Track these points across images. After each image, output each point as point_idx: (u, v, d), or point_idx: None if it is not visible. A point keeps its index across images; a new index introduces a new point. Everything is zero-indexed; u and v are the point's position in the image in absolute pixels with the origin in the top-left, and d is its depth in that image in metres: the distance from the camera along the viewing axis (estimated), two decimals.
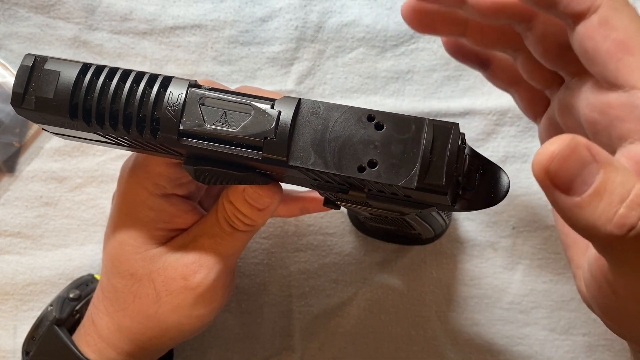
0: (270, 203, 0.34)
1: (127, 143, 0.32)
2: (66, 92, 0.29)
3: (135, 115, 0.29)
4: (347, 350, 0.46)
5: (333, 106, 0.29)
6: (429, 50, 0.47)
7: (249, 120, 0.29)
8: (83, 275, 0.45)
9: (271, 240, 0.47)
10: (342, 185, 0.30)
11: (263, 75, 0.48)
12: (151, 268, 0.36)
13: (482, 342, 0.46)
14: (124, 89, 0.29)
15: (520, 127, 0.47)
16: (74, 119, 0.30)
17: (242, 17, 0.48)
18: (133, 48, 0.48)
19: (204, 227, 0.36)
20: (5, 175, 0.48)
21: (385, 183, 0.28)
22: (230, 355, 0.47)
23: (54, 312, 0.40)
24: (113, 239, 0.37)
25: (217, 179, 0.32)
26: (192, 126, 0.29)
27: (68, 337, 0.38)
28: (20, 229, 0.47)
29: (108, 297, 0.37)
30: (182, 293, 0.35)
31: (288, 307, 0.47)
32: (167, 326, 0.36)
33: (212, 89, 0.30)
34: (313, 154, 0.28)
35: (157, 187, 0.35)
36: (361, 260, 0.47)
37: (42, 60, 0.30)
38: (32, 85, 0.29)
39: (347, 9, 0.48)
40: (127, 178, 0.36)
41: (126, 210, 0.36)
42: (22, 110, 0.30)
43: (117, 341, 0.37)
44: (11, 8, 0.48)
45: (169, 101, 0.29)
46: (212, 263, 0.35)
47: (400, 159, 0.28)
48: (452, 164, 0.27)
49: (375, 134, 0.28)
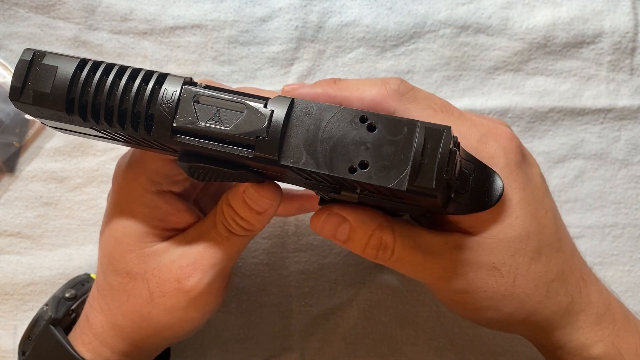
0: (270, 206, 0.34)
1: (123, 139, 0.32)
2: (63, 87, 0.29)
3: (130, 111, 0.29)
4: (347, 351, 0.46)
5: (326, 107, 0.29)
6: (429, 50, 0.47)
7: (241, 118, 0.29)
8: (79, 275, 0.45)
9: (271, 240, 0.47)
10: (334, 186, 0.30)
11: (263, 75, 0.48)
12: (146, 267, 0.36)
13: (481, 343, 0.46)
14: (119, 85, 0.29)
15: (520, 127, 0.47)
16: (71, 114, 0.30)
17: (242, 17, 0.48)
18: (133, 48, 0.48)
19: (201, 230, 0.36)
20: (5, 175, 0.48)
21: (376, 185, 0.28)
22: (230, 356, 0.47)
23: (49, 312, 0.40)
24: (108, 235, 0.37)
25: (211, 176, 0.31)
26: (186, 123, 0.29)
27: (64, 336, 0.38)
28: (20, 229, 0.47)
29: (103, 294, 0.37)
30: (175, 296, 0.35)
31: (288, 307, 0.47)
32: (160, 327, 0.36)
33: (207, 86, 0.30)
34: (305, 153, 0.28)
35: (153, 183, 0.35)
36: (361, 260, 0.47)
37: (41, 55, 0.30)
38: (30, 80, 0.30)
39: (347, 9, 0.48)
40: (123, 174, 0.36)
41: (121, 206, 0.36)
42: (20, 104, 0.30)
43: (111, 340, 0.37)
44: (11, 8, 0.48)
45: (164, 98, 0.29)
46: (207, 267, 0.35)
47: (392, 160, 0.28)
48: (442, 167, 0.27)
49: (368, 135, 0.28)
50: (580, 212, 0.47)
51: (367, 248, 0.33)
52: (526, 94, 0.47)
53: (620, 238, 0.47)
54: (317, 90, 0.34)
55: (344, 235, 0.33)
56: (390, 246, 0.33)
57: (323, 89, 0.34)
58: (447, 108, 0.34)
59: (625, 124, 0.48)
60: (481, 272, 0.33)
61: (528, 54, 0.47)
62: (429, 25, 0.47)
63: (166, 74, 0.30)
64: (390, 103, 0.33)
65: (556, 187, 0.47)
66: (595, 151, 0.47)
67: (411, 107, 0.33)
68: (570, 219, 0.47)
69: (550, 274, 0.34)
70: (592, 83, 0.48)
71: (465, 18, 0.47)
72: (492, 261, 0.33)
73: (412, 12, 0.47)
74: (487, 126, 0.34)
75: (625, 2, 0.48)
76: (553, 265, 0.34)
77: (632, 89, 0.48)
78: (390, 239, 0.33)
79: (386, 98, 0.33)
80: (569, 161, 0.47)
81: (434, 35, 0.47)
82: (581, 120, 0.47)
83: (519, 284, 0.33)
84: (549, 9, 0.48)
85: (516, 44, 0.47)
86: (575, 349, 0.35)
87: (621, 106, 0.48)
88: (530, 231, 0.33)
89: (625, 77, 0.48)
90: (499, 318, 0.34)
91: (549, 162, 0.47)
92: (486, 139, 0.33)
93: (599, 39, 0.48)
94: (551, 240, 0.34)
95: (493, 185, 0.32)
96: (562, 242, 0.35)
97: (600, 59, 0.48)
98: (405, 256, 0.33)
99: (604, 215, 0.47)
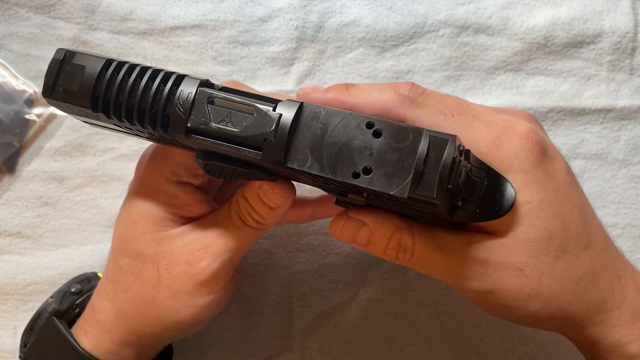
0: (283, 203, 0.35)
1: (146, 136, 0.33)
2: (89, 85, 0.31)
3: (148, 110, 0.31)
4: (347, 350, 0.46)
5: (334, 111, 0.29)
6: (429, 50, 0.48)
7: (251, 121, 0.29)
8: (86, 272, 0.46)
9: (271, 240, 0.47)
10: (341, 189, 0.31)
11: (263, 75, 0.48)
12: (157, 250, 0.36)
13: (481, 343, 0.46)
14: (140, 85, 0.31)
15: None
16: (96, 111, 0.31)
17: (242, 17, 0.48)
18: (133, 48, 0.48)
19: (216, 219, 0.37)
20: (5, 175, 0.48)
21: (378, 191, 0.28)
22: (230, 356, 0.47)
23: (53, 304, 0.41)
24: (125, 217, 0.38)
25: (225, 174, 0.32)
26: (199, 124, 0.30)
27: (66, 328, 0.39)
28: (20, 229, 0.47)
29: (110, 279, 0.38)
30: (183, 278, 0.36)
31: (288, 308, 0.47)
32: (163, 313, 0.37)
33: (223, 88, 0.31)
34: (310, 157, 0.29)
35: (174, 174, 0.36)
36: (361, 260, 0.47)
37: (71, 54, 0.32)
38: (61, 78, 0.32)
39: (347, 9, 0.48)
40: (147, 163, 0.37)
41: (142, 193, 0.37)
42: (51, 100, 0.32)
43: (113, 327, 0.37)
44: (11, 8, 0.48)
45: (180, 98, 0.30)
46: (218, 253, 0.36)
47: (395, 167, 0.28)
48: (444, 176, 0.27)
49: (373, 141, 0.28)
50: None
51: (388, 250, 0.33)
52: (526, 94, 0.47)
53: (620, 238, 0.47)
54: (329, 96, 0.34)
55: (364, 239, 0.34)
56: (410, 247, 0.33)
57: (335, 95, 0.34)
58: (459, 110, 0.34)
59: (625, 124, 0.48)
60: (504, 273, 0.33)
61: (528, 54, 0.47)
62: (429, 25, 0.47)
63: (184, 75, 0.31)
64: (400, 110, 0.33)
65: None
66: (595, 151, 0.47)
67: (421, 112, 0.33)
68: None
69: (577, 272, 0.33)
70: (592, 83, 0.48)
71: (465, 18, 0.47)
72: (514, 262, 0.33)
73: (412, 12, 0.47)
74: (502, 125, 0.33)
75: (625, 2, 0.48)
76: (580, 263, 0.33)
77: (632, 89, 0.48)
78: (409, 240, 0.33)
79: (396, 105, 0.33)
80: (569, 161, 0.47)
81: (434, 35, 0.47)
82: (581, 120, 0.48)
83: (544, 283, 0.33)
84: (549, 9, 0.48)
85: (516, 44, 0.47)
86: (611, 347, 0.34)
87: (621, 106, 0.48)
88: (553, 230, 0.33)
89: (625, 77, 0.48)
90: (527, 316, 0.34)
91: None
92: (499, 142, 0.33)
93: (599, 39, 0.48)
94: (577, 237, 0.33)
95: (505, 193, 0.31)
96: (591, 238, 0.34)
97: (600, 59, 0.48)
98: (425, 257, 0.33)
99: (604, 215, 0.47)
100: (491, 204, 0.31)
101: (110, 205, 0.47)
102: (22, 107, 0.47)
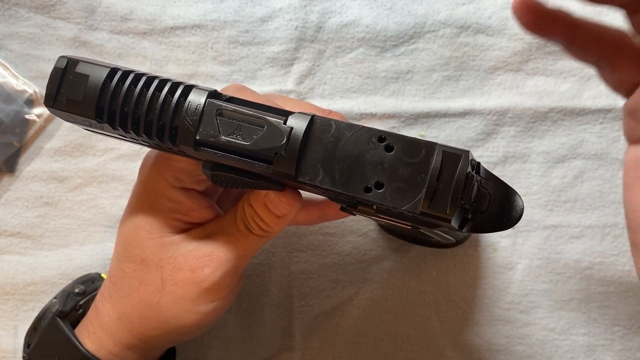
0: (289, 211, 0.34)
1: (152, 145, 0.33)
2: (93, 95, 0.30)
3: (156, 122, 0.30)
4: (347, 350, 0.46)
5: (345, 125, 0.29)
6: (429, 51, 0.48)
7: (261, 134, 0.29)
8: (90, 273, 0.46)
9: (271, 240, 0.47)
10: (351, 201, 0.30)
11: (263, 75, 0.48)
12: (161, 255, 0.36)
13: (481, 342, 0.46)
14: (146, 95, 0.30)
15: (520, 127, 0.47)
16: (101, 122, 0.30)
17: (242, 17, 0.48)
18: (133, 48, 0.48)
19: (221, 225, 0.37)
20: (6, 175, 0.48)
21: (390, 206, 0.28)
22: (230, 356, 0.47)
23: (57, 305, 0.41)
24: (129, 223, 0.37)
25: (232, 184, 0.32)
26: (208, 137, 0.29)
27: (69, 328, 0.39)
28: (20, 229, 0.47)
29: (114, 282, 0.38)
30: (186, 285, 0.36)
31: (288, 307, 0.47)
32: (166, 318, 0.37)
33: (230, 98, 0.30)
34: (322, 171, 0.28)
35: (177, 180, 0.36)
36: (361, 260, 0.47)
37: (74, 62, 0.31)
38: (64, 87, 0.30)
39: (347, 9, 0.48)
40: (150, 168, 0.37)
41: (145, 198, 0.37)
42: (53, 110, 0.31)
43: (116, 330, 0.37)
44: (11, 8, 0.48)
45: (188, 110, 0.30)
46: (222, 260, 0.36)
47: (407, 182, 0.28)
48: (457, 192, 0.27)
49: (385, 155, 0.28)
50: (580, 212, 0.47)
51: None
52: (526, 94, 0.47)
53: (620, 238, 0.47)
54: None
55: None
56: None
57: None
58: None
59: None
60: None
61: (528, 54, 0.48)
62: (429, 26, 0.47)
63: (192, 85, 0.30)
64: None
65: (556, 187, 0.47)
66: (595, 151, 0.48)
67: None
68: (570, 219, 0.47)
69: None
70: (592, 83, 0.48)
71: (465, 18, 0.47)
72: None
73: (412, 12, 0.47)
74: None
75: None
76: None
77: None
78: None
79: None
80: (568, 161, 0.47)
81: (433, 36, 0.47)
82: (581, 120, 0.48)
83: None
84: None
85: (516, 44, 0.47)
86: None
87: (621, 106, 0.48)
88: None
89: None
90: None
91: (548, 162, 0.47)
92: None
93: None
94: None
95: (514, 205, 0.31)
96: None
97: None
98: None
99: (604, 215, 0.47)
100: (500, 214, 0.31)
101: (110, 205, 0.47)
102: (22, 107, 0.47)
